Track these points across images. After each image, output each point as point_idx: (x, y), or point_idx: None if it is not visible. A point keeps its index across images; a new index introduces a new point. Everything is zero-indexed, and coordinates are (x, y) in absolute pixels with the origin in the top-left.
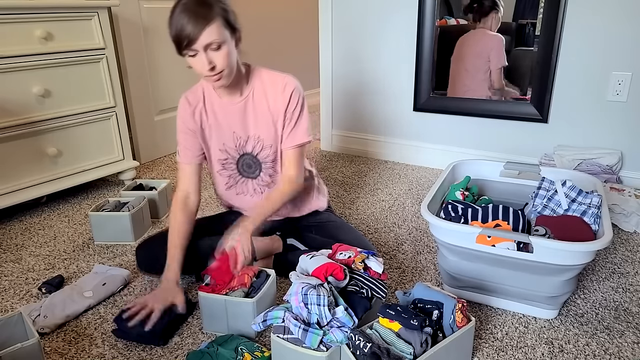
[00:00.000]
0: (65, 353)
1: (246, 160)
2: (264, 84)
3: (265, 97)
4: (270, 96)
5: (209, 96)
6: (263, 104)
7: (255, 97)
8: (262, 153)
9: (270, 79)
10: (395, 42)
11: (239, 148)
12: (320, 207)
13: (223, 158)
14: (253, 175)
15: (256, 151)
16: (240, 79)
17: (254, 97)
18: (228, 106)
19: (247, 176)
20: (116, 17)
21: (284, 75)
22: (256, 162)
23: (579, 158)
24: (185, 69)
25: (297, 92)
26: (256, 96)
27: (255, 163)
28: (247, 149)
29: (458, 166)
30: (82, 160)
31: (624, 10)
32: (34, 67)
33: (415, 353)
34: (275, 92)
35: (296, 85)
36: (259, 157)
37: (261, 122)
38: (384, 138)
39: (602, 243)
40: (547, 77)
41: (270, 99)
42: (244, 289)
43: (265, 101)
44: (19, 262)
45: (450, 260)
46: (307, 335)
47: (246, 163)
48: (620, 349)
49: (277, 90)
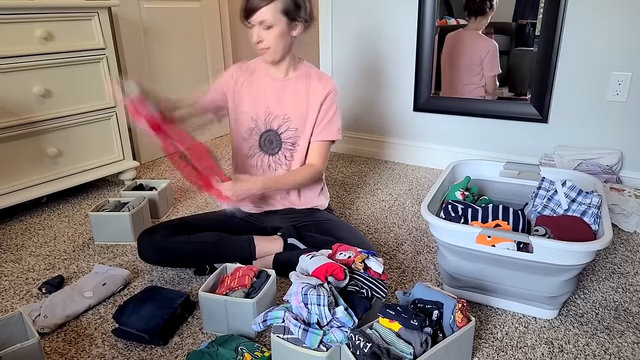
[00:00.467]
0: (65, 353)
1: (269, 136)
2: (310, 75)
3: (306, 86)
4: (311, 86)
5: (260, 69)
6: (302, 90)
7: (298, 83)
8: (286, 133)
9: (317, 73)
10: (395, 42)
11: (267, 122)
12: (321, 205)
13: (251, 127)
14: (272, 152)
15: (282, 130)
16: (290, 63)
17: (297, 82)
18: (271, 81)
19: (266, 151)
20: (116, 17)
21: (330, 77)
22: (278, 139)
23: (579, 158)
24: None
25: (335, 93)
26: (299, 82)
27: (277, 140)
28: (273, 125)
29: (458, 166)
30: (82, 160)
31: (624, 10)
32: (34, 67)
33: (415, 353)
34: (317, 84)
35: (336, 88)
36: (282, 136)
37: (295, 105)
38: (384, 138)
39: (602, 243)
40: (547, 77)
41: (311, 89)
42: (244, 289)
43: (305, 89)
44: (19, 262)
45: (450, 260)
46: (307, 335)
47: (268, 139)
48: (620, 349)
49: (320, 84)
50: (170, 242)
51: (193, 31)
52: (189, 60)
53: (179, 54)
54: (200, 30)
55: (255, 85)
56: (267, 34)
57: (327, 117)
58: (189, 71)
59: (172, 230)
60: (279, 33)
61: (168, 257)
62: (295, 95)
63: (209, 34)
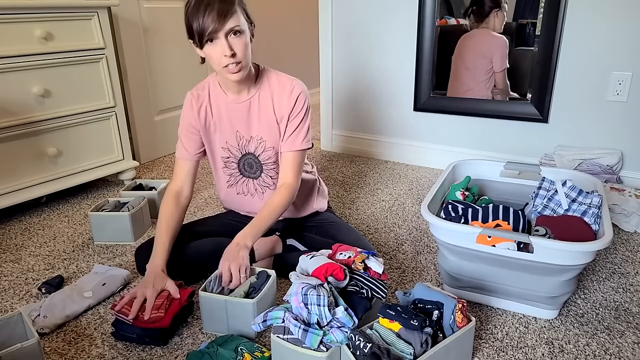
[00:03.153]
0: (65, 353)
1: (248, 160)
2: (272, 85)
3: (271, 99)
4: (276, 98)
5: (215, 93)
6: (268, 106)
7: (261, 98)
8: (263, 154)
9: (278, 81)
10: (395, 42)
11: (241, 147)
12: (320, 208)
13: (225, 156)
14: (254, 176)
15: (258, 152)
16: (249, 78)
17: (259, 97)
18: (233, 104)
19: (248, 176)
20: (116, 17)
21: (293, 79)
22: (257, 162)
23: (579, 158)
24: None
25: (303, 97)
26: (262, 97)
27: (257, 163)
28: (249, 148)
29: (458, 166)
30: (82, 160)
31: (624, 10)
32: (34, 67)
33: (416, 353)
34: (281, 94)
35: (303, 89)
36: (260, 158)
37: (265, 123)
38: (384, 138)
39: (602, 243)
40: (547, 77)
41: (276, 102)
42: (244, 289)
43: (270, 103)
44: (19, 262)
45: (450, 260)
46: (307, 336)
47: (248, 163)
48: (621, 349)
49: (284, 93)
50: (169, 255)
51: None
52: (189, 60)
53: (179, 54)
54: None
55: (216, 112)
56: (238, 41)
57: (294, 124)
58: (189, 71)
59: None
60: (248, 40)
61: (167, 270)
62: (262, 114)
63: None
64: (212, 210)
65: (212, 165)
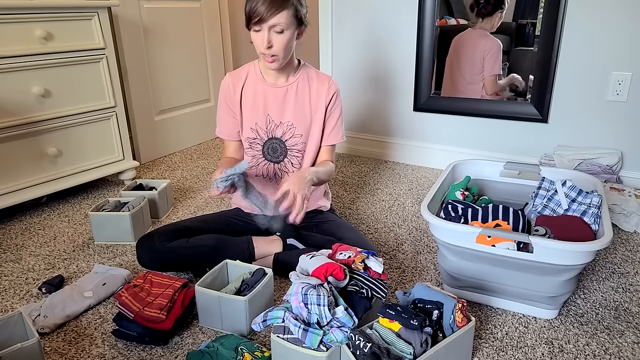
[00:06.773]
0: (65, 353)
1: (272, 144)
2: (311, 78)
3: (308, 89)
4: (314, 89)
5: (253, 76)
6: (305, 95)
7: (299, 87)
8: (291, 140)
9: (317, 75)
10: (395, 42)
11: (269, 131)
12: (323, 207)
13: (252, 137)
14: (277, 160)
15: (286, 137)
16: (290, 67)
17: (298, 86)
18: (270, 88)
19: (271, 160)
20: (116, 17)
21: (331, 77)
22: (283, 147)
23: (579, 158)
24: (185, 68)
25: (338, 94)
26: (300, 86)
27: (282, 148)
28: (276, 133)
29: (458, 166)
30: (82, 160)
31: (624, 10)
32: (34, 67)
33: (415, 353)
34: (319, 87)
35: (339, 88)
36: (287, 143)
37: (298, 110)
38: (384, 138)
39: (602, 243)
40: (547, 77)
41: (314, 92)
42: (236, 284)
43: (308, 93)
44: (19, 262)
45: (450, 260)
46: (307, 335)
47: (272, 147)
48: (621, 349)
49: (322, 86)
50: (169, 247)
51: (193, 31)
52: (189, 60)
53: (179, 54)
54: (200, 30)
55: (252, 93)
56: (278, 38)
57: (333, 120)
58: (189, 71)
59: (170, 235)
60: (289, 38)
61: (167, 263)
62: (297, 101)
63: (209, 34)
64: (212, 210)
65: None
